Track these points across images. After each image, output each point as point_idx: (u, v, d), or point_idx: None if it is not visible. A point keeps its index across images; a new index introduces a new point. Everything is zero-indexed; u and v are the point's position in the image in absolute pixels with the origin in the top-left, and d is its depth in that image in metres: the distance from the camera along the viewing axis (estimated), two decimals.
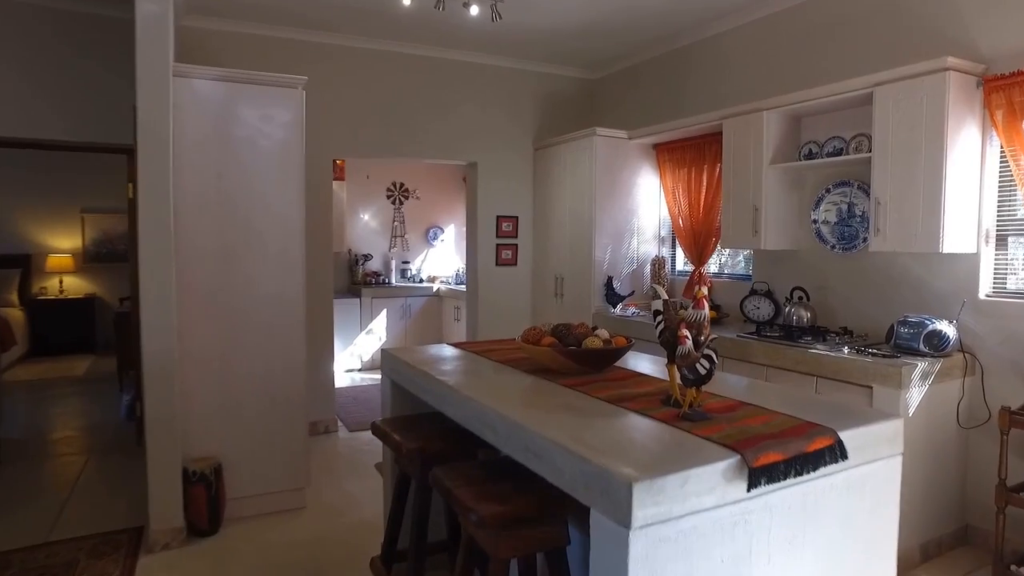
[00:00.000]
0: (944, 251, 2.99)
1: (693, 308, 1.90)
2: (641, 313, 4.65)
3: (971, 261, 3.17)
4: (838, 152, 3.68)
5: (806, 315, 3.71)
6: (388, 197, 7.63)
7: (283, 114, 3.34)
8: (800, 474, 1.56)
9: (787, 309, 3.80)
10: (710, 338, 1.81)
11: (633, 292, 4.87)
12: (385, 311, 7.15)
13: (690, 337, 1.82)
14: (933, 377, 2.97)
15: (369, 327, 7.07)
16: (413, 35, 4.84)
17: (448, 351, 2.84)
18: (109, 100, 4.17)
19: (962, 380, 3.12)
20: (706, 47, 4.63)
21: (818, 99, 3.51)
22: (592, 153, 4.76)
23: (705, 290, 1.92)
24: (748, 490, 1.48)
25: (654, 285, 1.99)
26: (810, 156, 3.82)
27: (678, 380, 1.98)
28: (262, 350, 3.37)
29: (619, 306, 4.74)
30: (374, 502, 3.61)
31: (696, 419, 1.74)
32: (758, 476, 1.48)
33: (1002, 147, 3.02)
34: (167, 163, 2.99)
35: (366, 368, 7.10)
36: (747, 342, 3.54)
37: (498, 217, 5.44)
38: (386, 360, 2.79)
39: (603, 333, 2.42)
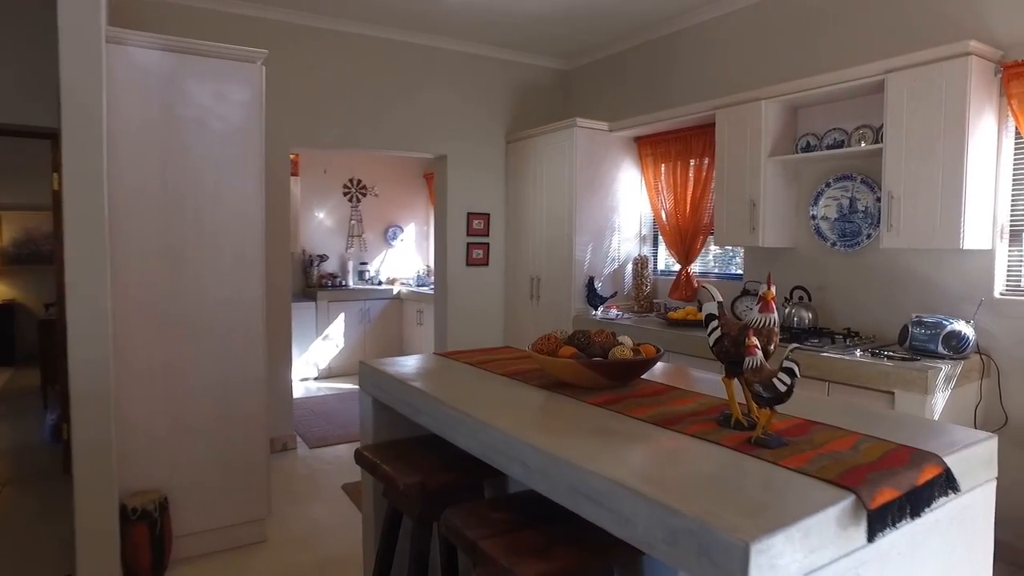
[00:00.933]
0: (964, 247, 2.80)
1: (759, 311, 1.60)
2: (625, 315, 4.37)
3: (985, 258, 3.00)
4: (839, 144, 3.49)
5: (808, 316, 3.50)
6: (345, 194, 7.15)
7: (240, 92, 2.90)
8: (917, 514, 1.28)
9: (787, 310, 3.58)
10: (791, 348, 1.51)
11: (616, 293, 4.59)
12: (343, 315, 6.68)
13: (759, 346, 1.52)
14: (954, 380, 2.78)
15: (326, 333, 6.58)
16: (379, 15, 4.44)
17: (437, 362, 2.47)
18: (31, 75, 3.62)
19: (979, 383, 2.95)
20: (691, 36, 4.39)
21: (822, 88, 3.30)
22: (572, 146, 4.46)
23: (773, 290, 1.62)
24: (870, 539, 1.18)
25: (705, 286, 1.68)
26: (808, 149, 3.62)
27: (739, 399, 1.68)
28: (216, 362, 2.92)
29: (601, 308, 4.46)
30: (345, 531, 3.20)
31: (772, 445, 1.44)
32: (880, 520, 1.19)
33: (1019, 136, 2.87)
34: (99, 148, 2.52)
35: (323, 377, 6.61)
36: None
37: (469, 214, 5.09)
38: (366, 375, 2.40)
39: (627, 341, 2.11)
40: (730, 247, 4.22)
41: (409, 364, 2.43)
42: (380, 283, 7.29)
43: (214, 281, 2.89)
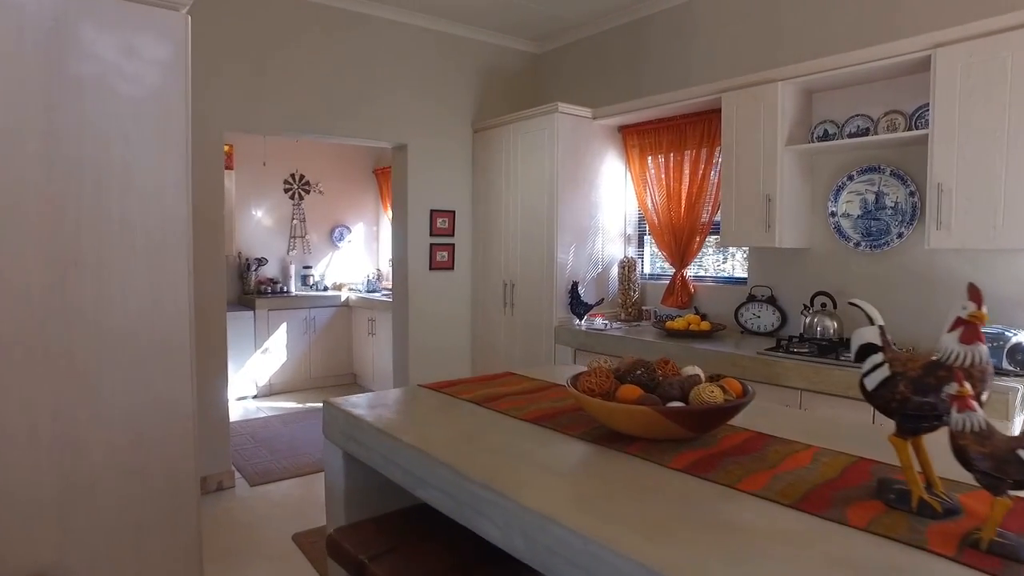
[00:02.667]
0: None
1: (962, 341, 1.06)
2: (615, 325, 3.84)
3: None
4: (863, 132, 3.06)
5: (832, 326, 3.05)
6: (286, 191, 6.36)
7: (157, 47, 2.19)
8: None
9: (807, 319, 3.13)
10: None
11: (602, 300, 4.06)
12: (284, 325, 5.90)
13: (974, 395, 0.98)
14: None
15: (265, 345, 5.79)
16: None
17: (429, 400, 1.85)
18: None
19: None
20: (681, 14, 3.90)
21: (849, 67, 2.86)
22: (553, 134, 3.90)
23: (984, 309, 1.08)
24: None
25: (855, 302, 1.06)
26: (826, 138, 3.18)
27: (913, 474, 1.16)
28: (126, 397, 2.19)
29: (585, 317, 3.91)
30: None
31: (1016, 552, 0.90)
32: None
33: None
34: None
35: (264, 395, 5.81)
36: (774, 361, 2.82)
37: (432, 211, 4.45)
38: (335, 421, 1.76)
39: (699, 372, 1.55)
40: (733, 248, 3.75)
41: (392, 403, 1.80)
42: (326, 289, 6.53)
43: (122, 293, 2.17)
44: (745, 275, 3.69)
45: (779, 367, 2.80)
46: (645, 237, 4.27)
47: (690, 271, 3.88)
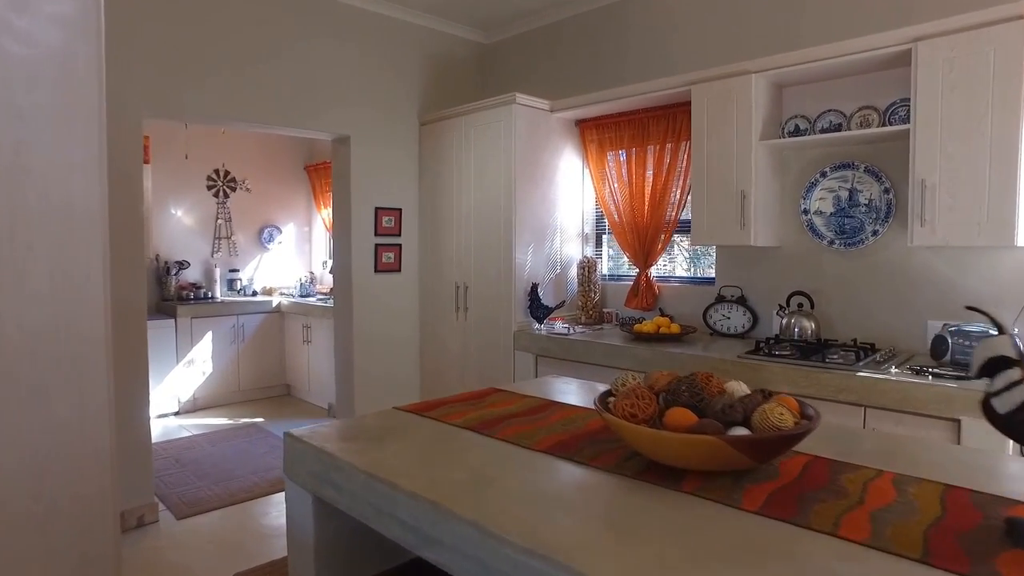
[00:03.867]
0: (1019, 244, 2.33)
1: None
2: (578, 329, 3.61)
3: (1018, 257, 2.57)
4: (835, 128, 2.96)
5: (810, 327, 2.94)
6: (210, 188, 5.78)
7: (58, 1, 1.76)
8: None
9: (783, 320, 3.00)
10: None
11: (563, 302, 3.82)
12: (210, 334, 5.34)
13: None
14: None
15: (189, 356, 5.21)
16: None
17: (416, 428, 1.54)
18: None
19: None
20: (635, 5, 3.72)
21: (825, 60, 2.74)
22: (510, 127, 3.63)
23: None
24: None
25: (976, 307, 0.83)
26: (797, 133, 3.06)
27: None
28: (20, 434, 1.75)
29: (545, 321, 3.67)
30: None
31: None
32: None
33: None
34: None
35: (187, 411, 5.23)
36: (758, 365, 2.66)
37: (377, 209, 4.08)
38: (300, 459, 1.42)
39: (740, 386, 1.32)
40: (699, 247, 3.60)
41: (372, 434, 1.47)
42: (255, 294, 5.99)
43: (15, 305, 1.73)
44: (712, 275, 3.54)
45: (764, 371, 2.64)
46: (604, 236, 4.07)
47: (654, 271, 3.71)
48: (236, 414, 5.17)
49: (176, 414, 5.16)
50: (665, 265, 3.78)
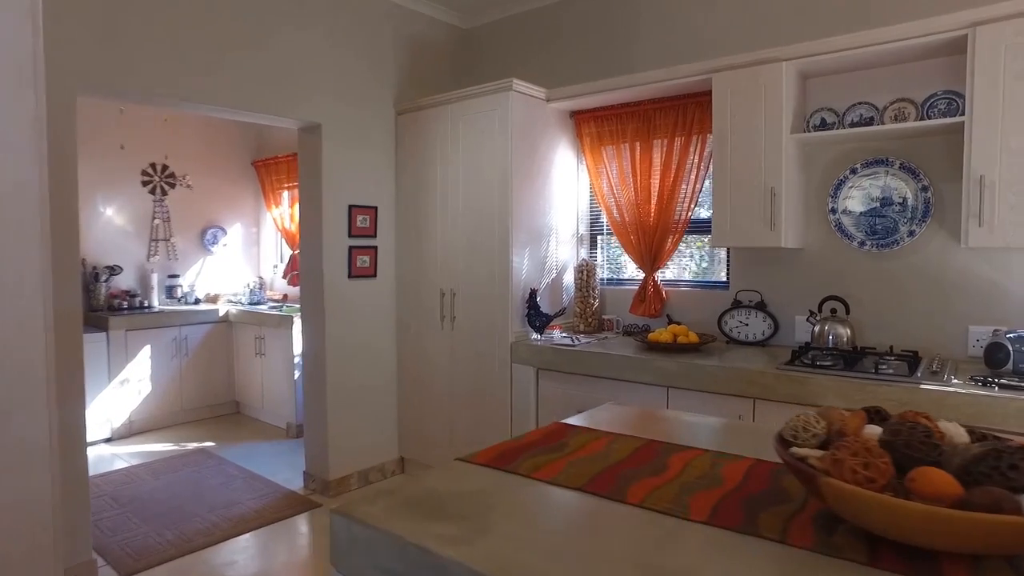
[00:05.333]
0: None
1: None
2: (582, 339, 3.26)
3: None
4: (867, 122, 2.73)
5: (845, 334, 2.69)
6: (145, 183, 5.08)
7: None
8: None
9: (815, 327, 2.75)
10: None
11: (563, 310, 3.46)
12: (148, 348, 4.67)
13: None
14: None
15: (123, 374, 4.53)
16: None
17: (507, 488, 1.13)
18: None
19: None
20: None
21: (868, 47, 2.50)
22: (506, 116, 3.24)
23: None
24: None
25: None
26: (823, 127, 2.83)
27: None
28: None
29: (544, 331, 3.30)
30: None
31: None
32: None
33: None
34: None
35: (122, 437, 4.54)
36: (802, 377, 2.38)
37: (351, 207, 3.60)
38: (356, 546, 0.99)
39: (955, 428, 0.99)
40: (707, 249, 3.32)
41: (451, 501, 1.06)
42: (198, 301, 5.33)
43: None
44: (724, 278, 3.28)
45: (810, 384, 2.36)
46: (599, 238, 3.74)
47: (662, 275, 3.40)
48: (181, 438, 4.53)
49: (108, 441, 4.47)
50: (669, 269, 3.49)
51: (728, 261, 3.23)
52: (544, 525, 0.98)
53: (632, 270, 3.60)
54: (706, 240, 3.36)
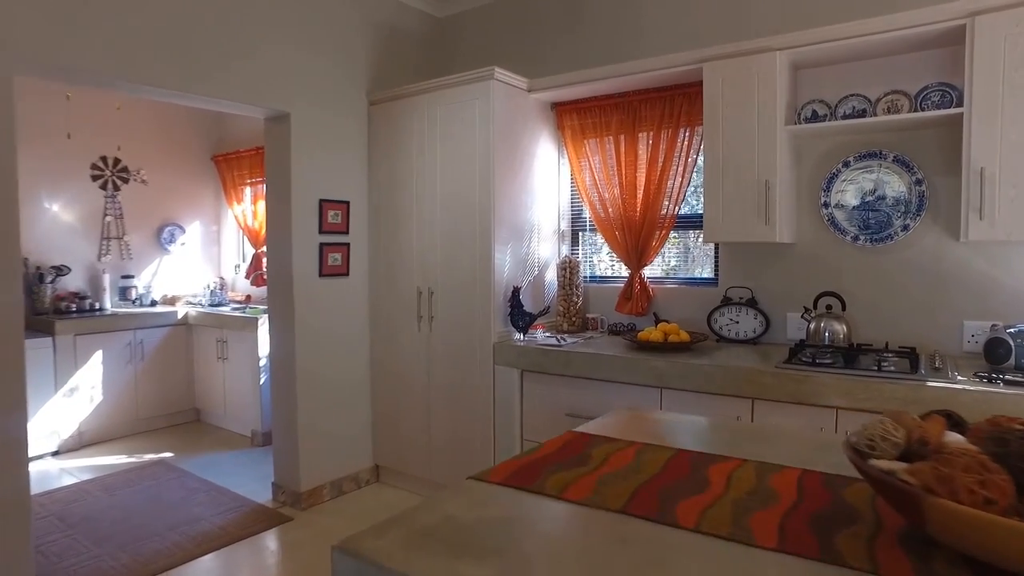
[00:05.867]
0: None
1: None
2: (567, 339, 3.12)
3: None
4: (859, 114, 2.67)
5: (842, 330, 2.61)
6: (95, 178, 4.73)
7: None
8: None
9: (811, 324, 2.66)
10: None
11: (547, 309, 3.31)
12: (99, 354, 4.34)
13: None
14: None
15: (72, 382, 4.20)
16: None
17: (538, 512, 0.97)
18: None
19: None
20: None
21: (864, 36, 2.43)
22: (487, 107, 3.08)
23: None
24: None
25: None
26: (814, 119, 2.75)
27: None
28: None
29: (527, 330, 3.15)
30: None
31: None
32: None
33: None
34: None
35: (71, 450, 4.20)
36: (804, 376, 2.29)
37: (322, 202, 3.38)
38: None
39: None
40: (691, 243, 3.22)
41: (474, 529, 0.89)
42: (154, 304, 5.00)
43: None
44: (711, 275, 3.18)
45: (811, 383, 2.27)
46: (581, 234, 3.61)
47: (648, 271, 3.29)
48: (137, 449, 4.22)
49: (55, 454, 4.13)
50: (655, 266, 3.38)
51: (716, 257, 3.14)
52: (593, 558, 0.82)
53: (616, 267, 3.48)
54: (692, 236, 3.26)
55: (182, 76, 2.77)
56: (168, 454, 4.12)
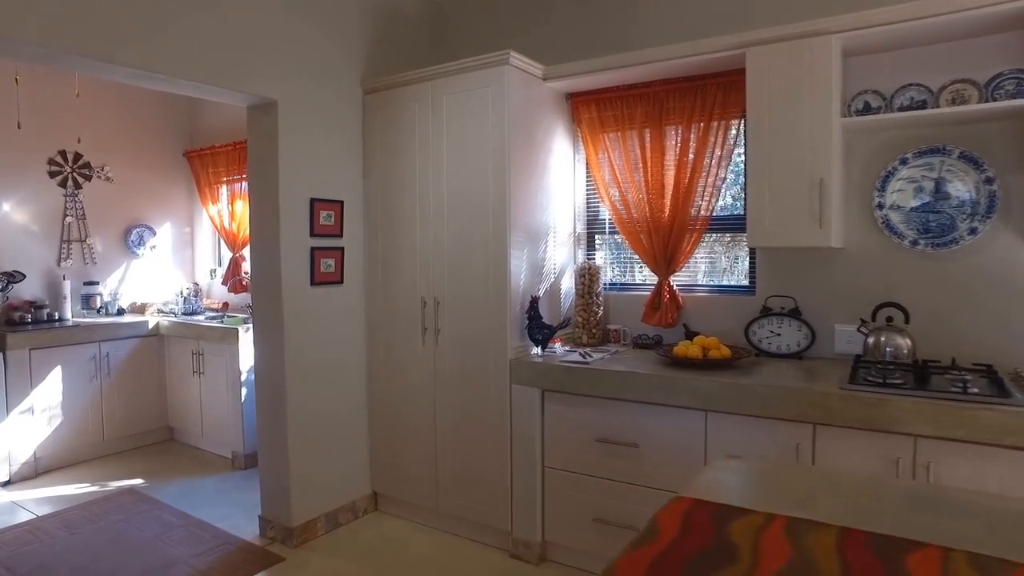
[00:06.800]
0: None
1: None
2: (593, 353, 2.79)
3: None
4: (919, 105, 2.39)
5: (906, 345, 2.34)
6: (53, 175, 4.25)
7: None
8: None
9: (870, 338, 2.38)
10: None
11: (567, 321, 2.98)
12: (58, 370, 3.88)
13: None
14: None
15: (27, 402, 3.73)
16: None
17: None
18: None
19: None
20: None
21: (943, 15, 2.14)
22: (502, 95, 2.73)
23: None
24: None
25: None
26: (866, 111, 2.48)
27: None
28: None
29: (546, 345, 2.82)
30: None
31: None
32: None
33: None
34: None
35: (24, 479, 3.74)
36: (875, 399, 2.00)
37: (313, 201, 3.00)
38: None
39: None
40: (743, 248, 2.92)
41: None
42: (121, 312, 4.53)
43: None
44: (748, 282, 2.89)
45: (888, 408, 1.98)
46: (596, 237, 3.29)
47: (677, 279, 2.98)
48: (102, 475, 3.78)
49: (6, 485, 3.66)
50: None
51: (751, 263, 2.84)
52: None
53: (639, 273, 3.17)
54: (726, 239, 2.96)
55: (155, 56, 2.37)
56: (138, 481, 3.68)
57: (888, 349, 2.33)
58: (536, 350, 2.84)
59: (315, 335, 3.01)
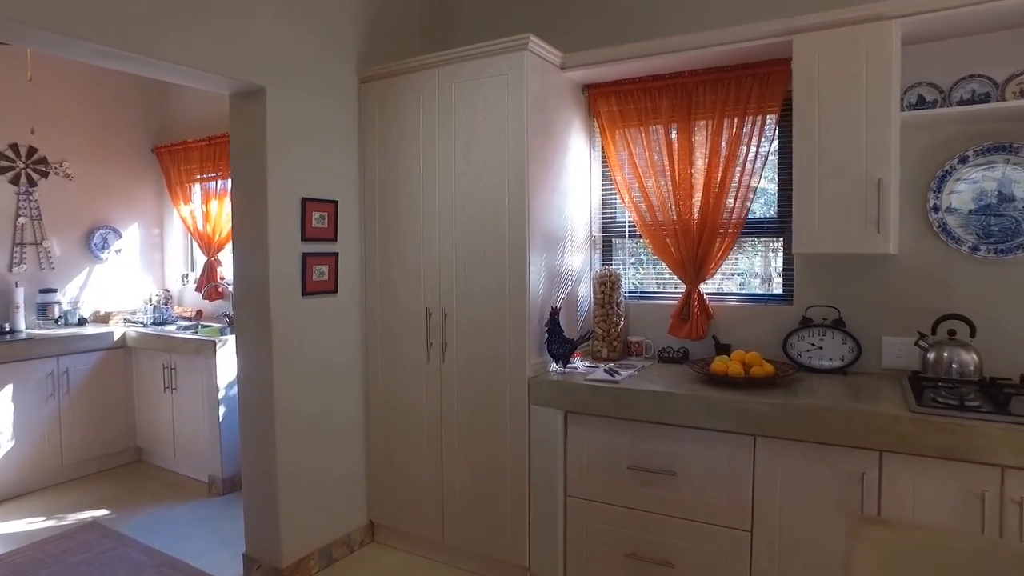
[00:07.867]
0: None
1: None
2: (619, 370, 2.53)
3: None
4: (981, 99, 2.19)
5: (972, 361, 2.13)
6: (4, 171, 3.82)
7: None
8: None
9: (930, 354, 2.17)
10: None
11: (588, 334, 2.71)
12: (9, 389, 3.47)
13: None
14: None
15: None
16: None
17: None
18: None
19: None
20: None
21: None
22: (520, 84, 2.45)
23: None
24: None
25: None
26: (921, 105, 2.27)
27: None
28: None
29: (568, 361, 2.55)
30: None
31: None
32: None
33: None
34: None
35: None
36: (954, 425, 1.78)
37: (305, 201, 2.67)
38: None
39: None
40: (777, 254, 2.69)
41: None
42: (83, 322, 4.12)
43: None
44: (783, 291, 2.66)
45: (968, 434, 1.76)
46: (613, 243, 3.03)
47: (707, 287, 2.74)
48: (60, 507, 3.38)
49: None
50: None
51: (788, 269, 2.62)
52: None
53: (659, 280, 2.92)
54: (760, 244, 2.73)
55: (123, 29, 2.03)
56: (102, 512, 3.30)
57: (953, 366, 2.12)
58: (556, 366, 2.57)
59: (307, 351, 2.69)
